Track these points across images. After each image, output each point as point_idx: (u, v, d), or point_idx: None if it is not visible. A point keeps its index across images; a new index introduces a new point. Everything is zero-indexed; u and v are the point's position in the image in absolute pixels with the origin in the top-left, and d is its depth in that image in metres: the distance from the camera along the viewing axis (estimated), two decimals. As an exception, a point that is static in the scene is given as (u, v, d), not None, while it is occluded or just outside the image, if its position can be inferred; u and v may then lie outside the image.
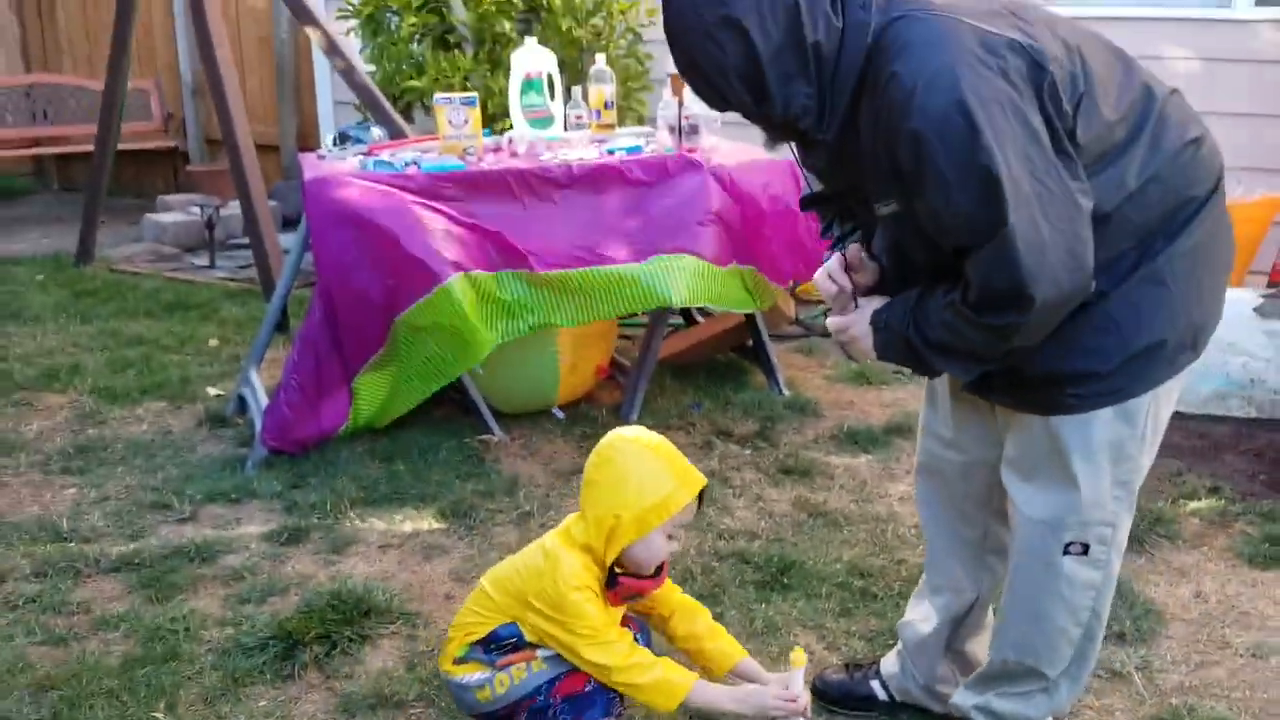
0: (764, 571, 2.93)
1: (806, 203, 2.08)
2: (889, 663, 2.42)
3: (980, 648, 2.31)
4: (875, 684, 2.42)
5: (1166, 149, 1.80)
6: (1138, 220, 1.79)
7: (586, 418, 3.97)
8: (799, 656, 2.13)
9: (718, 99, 1.74)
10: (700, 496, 2.14)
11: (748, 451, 3.71)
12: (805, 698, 2.13)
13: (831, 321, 2.01)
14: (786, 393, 4.16)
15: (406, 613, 2.78)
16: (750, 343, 4.31)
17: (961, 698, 2.23)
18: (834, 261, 1.99)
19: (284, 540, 3.13)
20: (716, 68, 1.67)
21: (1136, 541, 3.07)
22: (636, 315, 4.57)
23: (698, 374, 4.34)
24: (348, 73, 5.01)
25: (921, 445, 2.25)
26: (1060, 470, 1.92)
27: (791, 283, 4.18)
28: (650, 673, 2.08)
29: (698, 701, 2.11)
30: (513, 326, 3.60)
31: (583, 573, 2.08)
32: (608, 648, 2.06)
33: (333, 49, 5.06)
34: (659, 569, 2.18)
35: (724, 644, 2.25)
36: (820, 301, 5.08)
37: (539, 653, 2.14)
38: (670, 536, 2.12)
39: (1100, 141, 1.74)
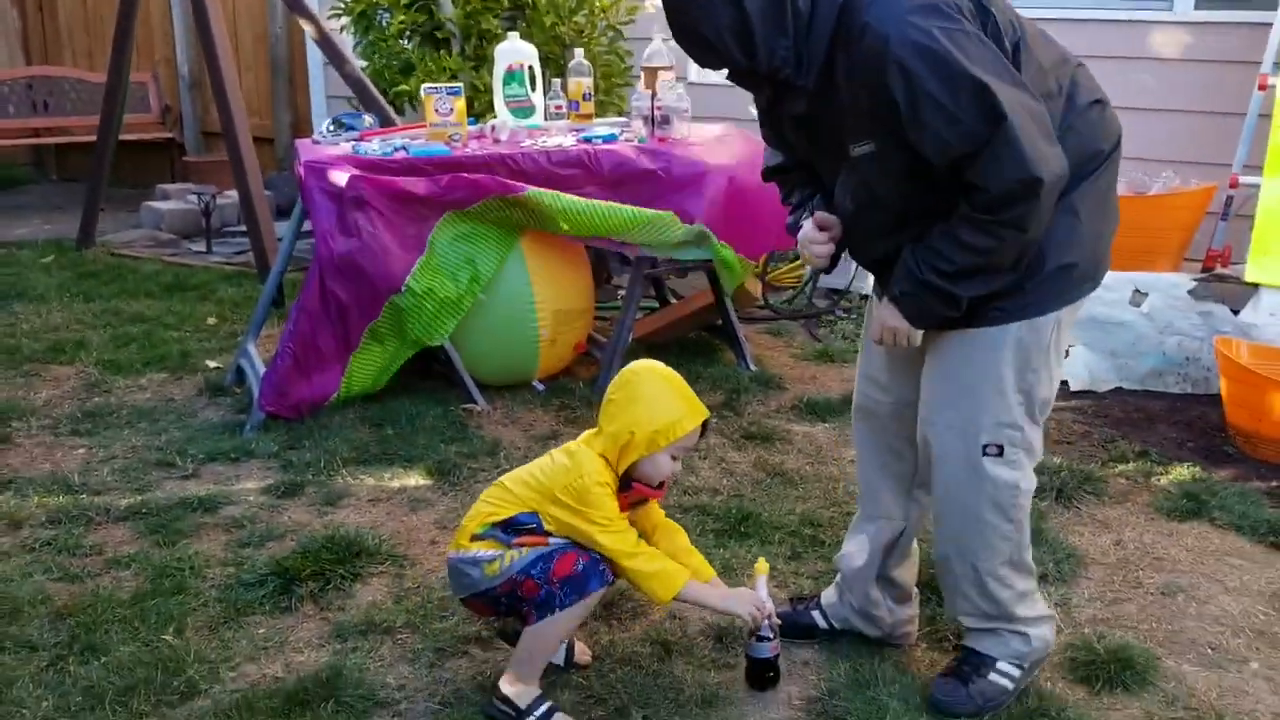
0: (724, 522, 3.19)
1: (769, 173, 2.41)
2: (829, 594, 2.69)
3: (907, 574, 2.58)
4: (816, 614, 2.68)
5: (1079, 105, 2.13)
6: None
7: (565, 390, 4.22)
8: (762, 565, 2.43)
9: (714, 58, 2.03)
10: (704, 427, 2.39)
11: (714, 420, 3.96)
12: (769, 602, 2.40)
13: (876, 339, 2.29)
14: (753, 368, 4.43)
15: (395, 555, 3.02)
16: (720, 322, 4.57)
17: (951, 612, 2.47)
18: (809, 226, 2.28)
19: (280, 494, 3.38)
20: (714, 30, 1.97)
21: (1065, 497, 3.34)
22: (615, 298, 4.85)
23: (670, 351, 4.60)
24: (340, 64, 5.25)
25: (858, 388, 2.53)
26: (973, 380, 2.20)
27: (761, 264, 4.43)
28: (655, 562, 2.33)
29: (689, 596, 2.36)
30: (507, 241, 3.93)
31: (605, 470, 2.32)
32: (621, 535, 2.30)
33: (324, 40, 5.30)
34: (661, 484, 2.42)
35: (697, 561, 2.51)
36: (788, 286, 5.35)
37: (552, 540, 2.34)
38: (674, 458, 2.37)
39: (1034, 85, 2.04)
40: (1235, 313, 4.15)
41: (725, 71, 2.09)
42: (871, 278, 2.40)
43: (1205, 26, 4.76)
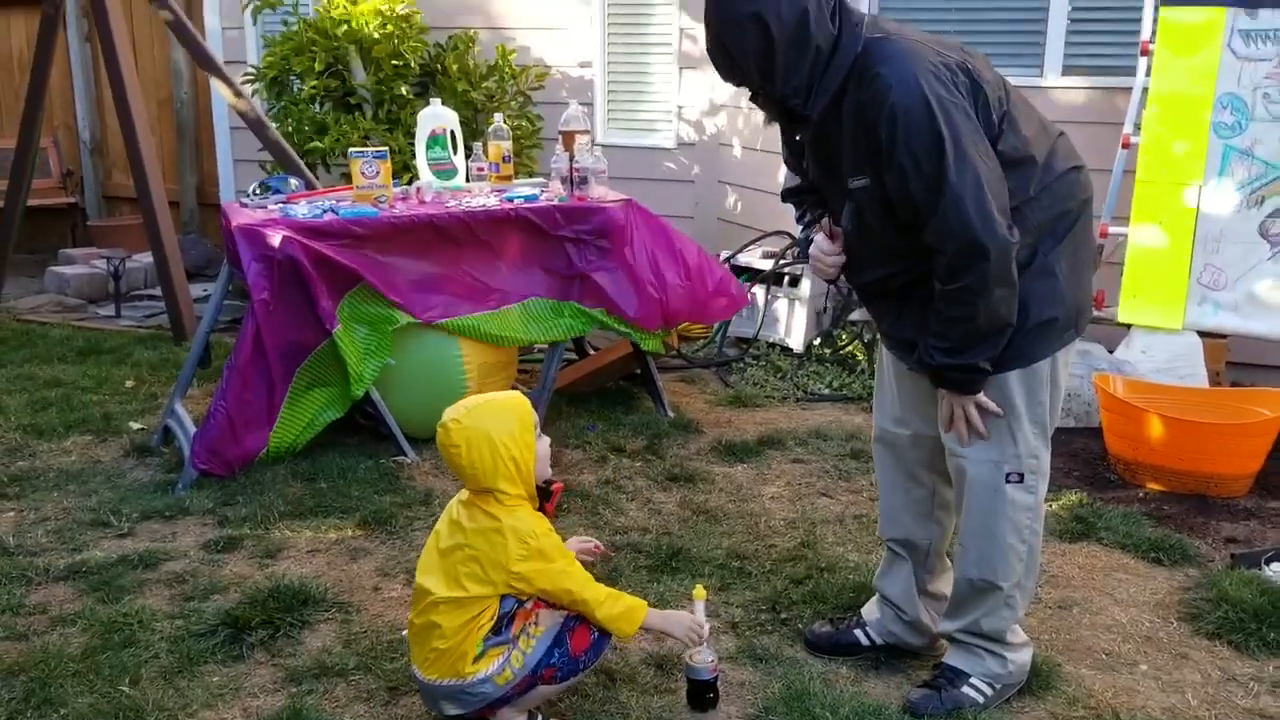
0: (655, 558, 3.37)
1: (787, 194, 2.69)
2: (870, 610, 2.89)
3: (944, 585, 2.79)
4: (859, 632, 2.88)
5: (1056, 170, 2.40)
6: (1033, 219, 2.35)
7: (491, 440, 4.36)
8: (700, 591, 2.60)
9: (735, 75, 2.28)
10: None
11: (638, 464, 4.15)
12: (707, 625, 2.57)
13: (962, 435, 2.48)
14: (671, 414, 4.64)
15: (340, 602, 3.12)
16: (638, 371, 4.78)
17: (945, 626, 2.70)
18: (820, 239, 2.53)
19: (220, 548, 3.44)
20: (740, 50, 2.22)
21: (969, 523, 3.61)
22: (533, 350, 5.03)
23: (591, 400, 4.78)
24: (260, 129, 5.35)
25: (876, 421, 2.78)
26: (995, 419, 2.45)
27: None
28: (621, 601, 2.47)
29: (645, 624, 2.50)
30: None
31: (538, 521, 2.42)
32: (588, 583, 2.42)
33: (239, 96, 5.39)
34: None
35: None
36: (699, 337, 5.59)
37: (541, 612, 2.44)
38: (539, 435, 2.48)
39: (1015, 152, 2.32)
40: (1110, 351, 4.52)
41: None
42: (799, 329, 2.64)
43: (1072, 91, 5.20)
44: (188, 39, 5.32)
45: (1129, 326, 4.47)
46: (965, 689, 2.61)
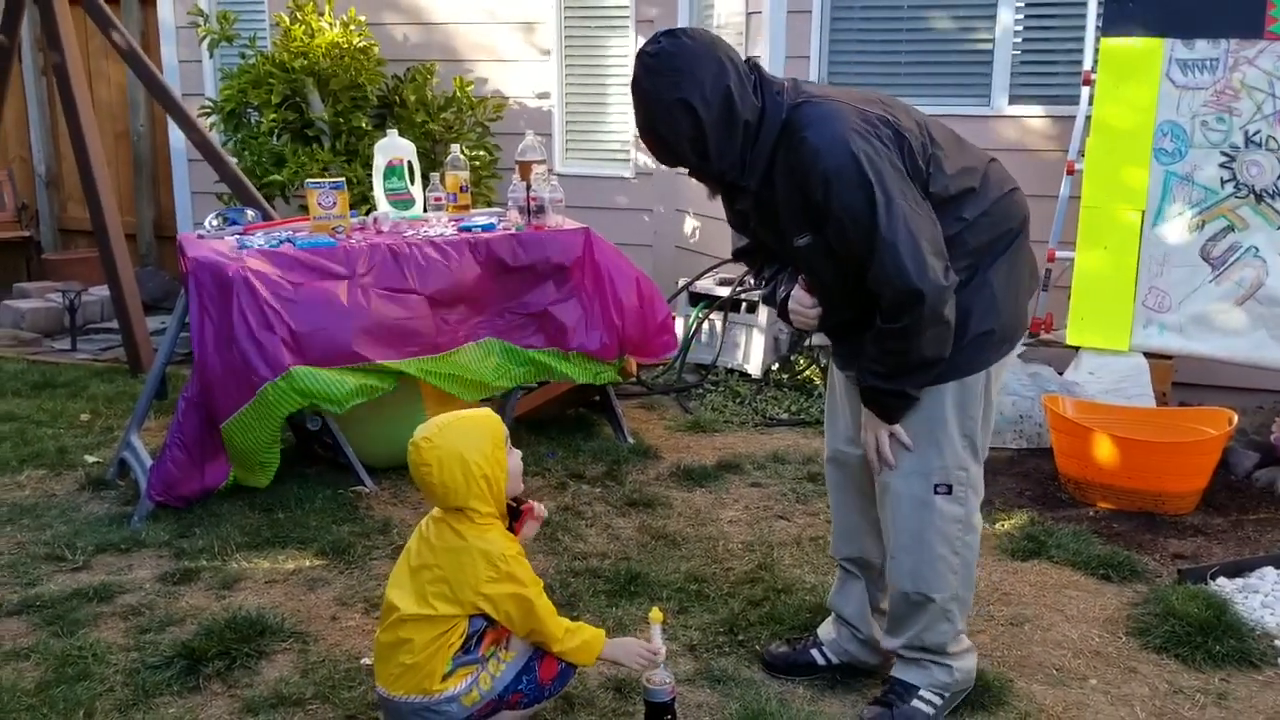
0: (614, 583, 3.38)
1: (738, 254, 2.78)
2: (825, 630, 2.93)
3: None
4: (815, 652, 2.91)
5: (991, 196, 2.50)
6: (972, 243, 2.45)
7: (450, 469, 4.36)
8: (656, 614, 2.62)
9: (671, 157, 2.39)
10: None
11: (598, 490, 4.17)
12: (663, 648, 2.59)
13: (874, 462, 2.57)
14: (631, 440, 4.67)
15: (297, 632, 3.11)
16: (598, 398, 4.81)
17: (887, 643, 2.74)
18: (800, 293, 2.58)
19: (176, 580, 3.42)
20: (673, 135, 2.33)
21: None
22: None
23: (551, 427, 4.80)
24: (218, 163, 5.36)
25: (828, 442, 2.84)
26: (923, 430, 2.52)
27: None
28: (579, 634, 2.49)
29: (602, 655, 2.54)
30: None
31: (509, 542, 2.45)
32: (550, 615, 2.44)
33: (203, 142, 5.39)
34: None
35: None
36: (658, 363, 5.63)
37: (508, 638, 2.46)
38: (510, 451, 2.50)
39: (946, 190, 2.42)
40: (1060, 373, 4.61)
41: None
42: (757, 355, 2.70)
43: (1018, 120, 5.32)
44: (139, 66, 5.32)
45: (1077, 348, 4.56)
46: (915, 702, 2.65)
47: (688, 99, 2.27)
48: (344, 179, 4.38)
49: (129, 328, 5.63)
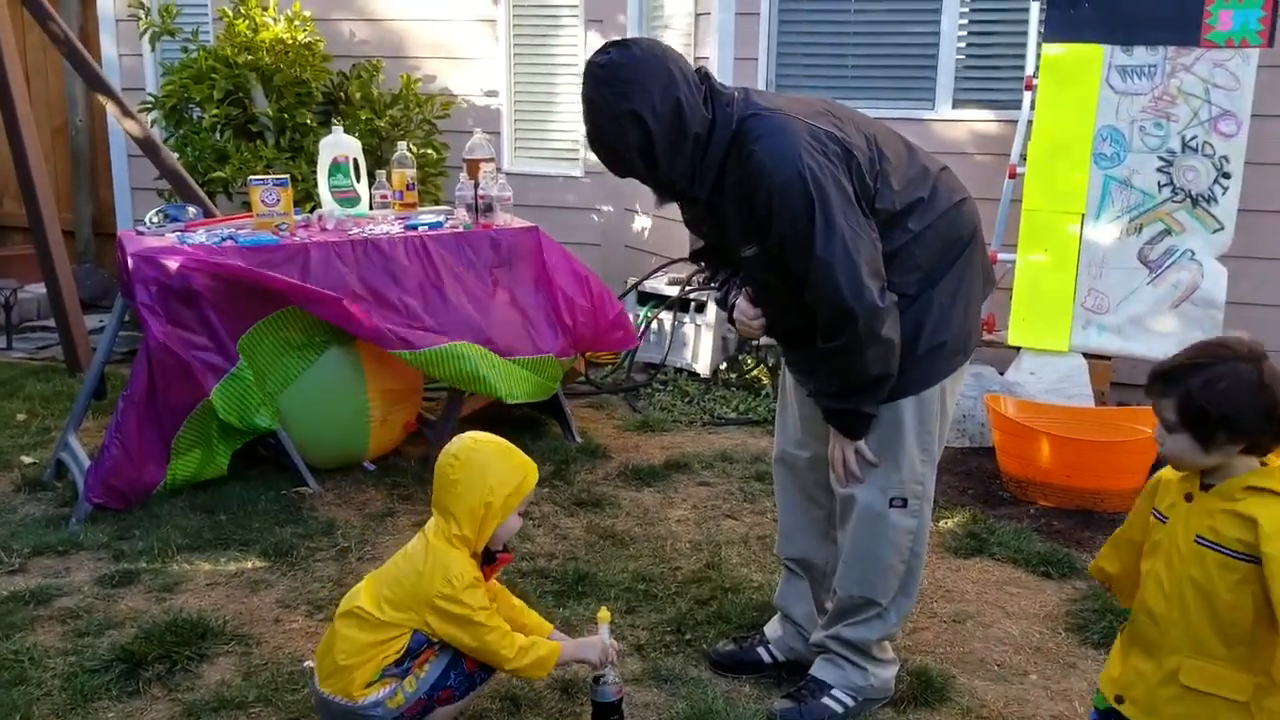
0: (561, 583, 3.38)
1: (695, 255, 2.79)
2: (772, 628, 2.95)
3: None
4: (761, 650, 2.93)
5: (939, 207, 2.50)
6: (920, 256, 2.47)
7: (396, 469, 4.34)
8: (604, 614, 2.64)
9: (622, 167, 2.39)
10: None
11: (545, 490, 4.16)
12: (613, 648, 2.61)
13: (840, 477, 2.59)
14: (579, 440, 4.66)
15: (239, 635, 3.07)
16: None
17: (817, 635, 2.77)
18: (744, 303, 2.59)
19: (115, 583, 3.36)
20: (623, 145, 2.32)
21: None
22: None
23: (499, 427, 4.71)
24: (156, 156, 5.26)
25: (777, 443, 2.86)
26: (882, 447, 2.54)
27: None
28: (532, 653, 2.48)
29: (560, 660, 2.54)
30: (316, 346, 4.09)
31: (469, 567, 2.43)
32: (502, 639, 2.43)
33: (144, 136, 5.30)
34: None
35: (534, 619, 2.69)
36: (607, 362, 5.63)
37: (437, 647, 2.46)
38: (519, 514, 2.54)
39: (892, 205, 2.43)
40: (1001, 373, 4.68)
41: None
42: (706, 354, 2.70)
43: (962, 124, 5.39)
44: (76, 58, 5.21)
45: (1019, 349, 4.64)
46: (826, 699, 2.69)
47: (637, 110, 2.27)
48: (287, 177, 4.32)
49: (66, 326, 5.52)
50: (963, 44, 5.40)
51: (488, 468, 2.45)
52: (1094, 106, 4.50)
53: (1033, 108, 4.73)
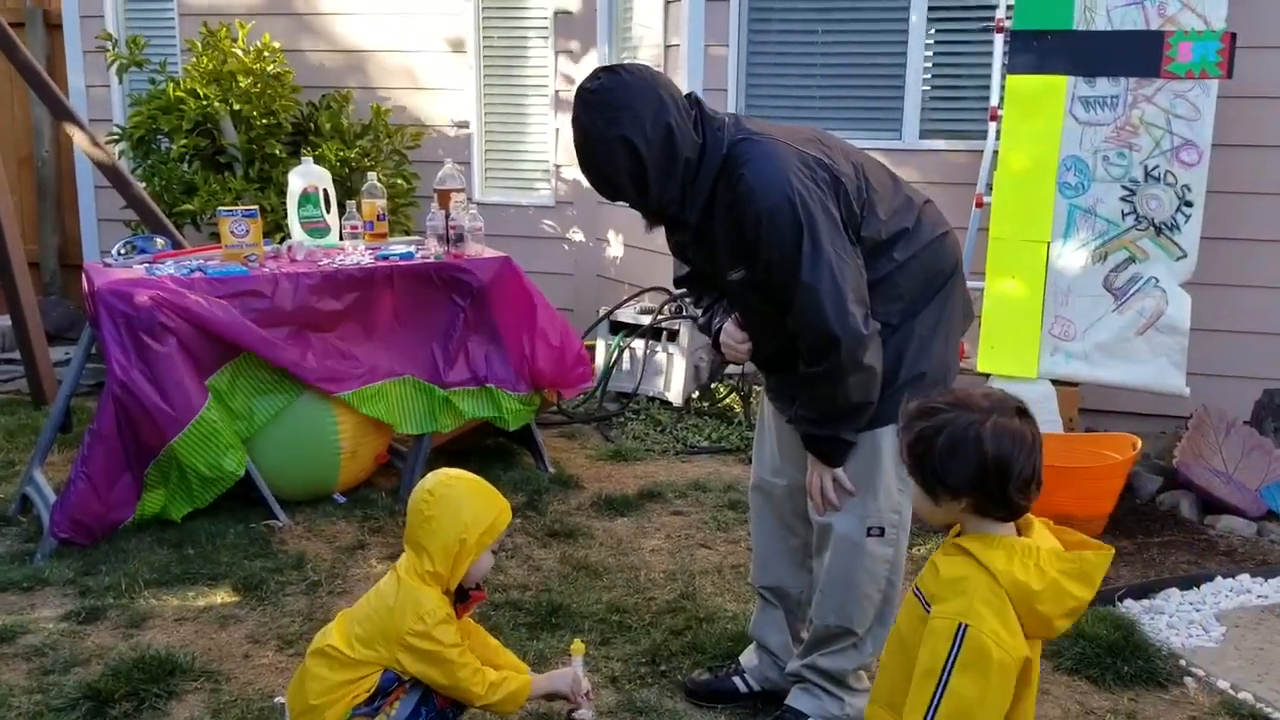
0: (535, 615, 3.36)
1: (679, 281, 2.78)
2: (747, 658, 2.94)
3: None
4: (737, 679, 2.92)
5: (923, 239, 2.52)
6: (903, 286, 2.49)
7: (367, 501, 4.30)
8: (578, 646, 2.63)
9: (612, 192, 2.39)
10: None
11: (518, 520, 4.14)
12: (586, 680, 2.60)
13: (817, 504, 2.59)
14: (552, 470, 4.65)
15: (209, 671, 3.03)
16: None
17: (792, 665, 2.76)
18: (731, 327, 2.61)
19: (82, 619, 3.31)
20: (613, 170, 2.33)
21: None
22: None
23: (470, 457, 4.74)
24: (124, 188, 5.22)
25: (754, 470, 2.86)
26: (861, 476, 2.55)
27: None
28: (503, 689, 2.46)
29: (531, 695, 2.54)
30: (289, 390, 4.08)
31: (441, 604, 2.41)
32: (474, 675, 2.41)
33: (111, 166, 5.26)
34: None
35: (508, 658, 2.67)
36: (580, 391, 5.62)
37: (408, 685, 2.43)
38: (493, 551, 2.53)
39: (879, 234, 2.45)
40: (972, 400, 4.70)
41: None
42: (678, 383, 2.70)
43: (928, 154, 5.45)
44: (42, 88, 5.17)
45: (987, 376, 4.67)
46: None
47: (628, 136, 2.28)
48: (256, 208, 4.30)
49: (32, 358, 5.45)
50: (929, 75, 5.47)
51: (463, 504, 2.44)
52: (1058, 136, 4.56)
53: (998, 138, 4.79)
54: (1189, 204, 4.40)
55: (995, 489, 1.77)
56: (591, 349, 5.91)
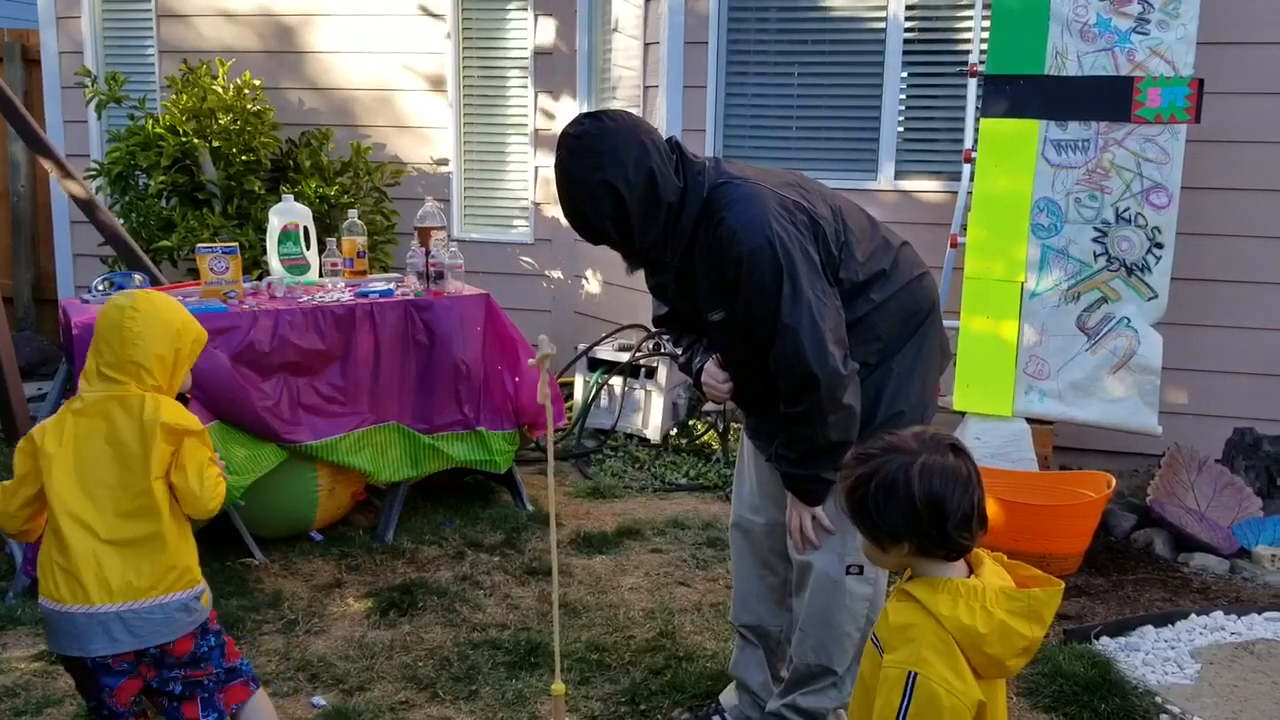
0: (514, 654, 3.35)
1: (658, 321, 2.81)
2: (727, 697, 2.94)
3: None
4: (717, 719, 2.91)
5: (901, 280, 2.58)
6: (881, 326, 2.54)
7: (344, 538, 4.28)
8: (559, 688, 2.62)
9: (595, 236, 2.43)
10: None
11: (496, 558, 4.13)
12: None
13: (797, 543, 2.61)
14: (530, 507, 4.64)
15: (184, 712, 2.99)
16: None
17: (772, 704, 2.76)
18: (712, 366, 2.64)
19: (54, 659, 3.26)
20: (596, 214, 2.37)
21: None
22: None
23: (448, 494, 4.75)
24: (99, 220, 5.20)
25: (734, 509, 2.88)
26: (840, 513, 2.50)
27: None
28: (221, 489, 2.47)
29: None
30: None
31: (179, 408, 2.41)
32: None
33: (89, 202, 5.24)
34: None
35: None
36: (557, 429, 5.62)
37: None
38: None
39: (856, 276, 2.50)
40: (948, 438, 4.74)
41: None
42: (656, 420, 2.72)
43: (904, 194, 5.53)
44: (18, 120, 5.15)
45: (963, 414, 4.71)
46: None
47: (611, 180, 2.32)
48: (236, 245, 4.31)
49: (5, 393, 5.38)
50: (904, 117, 5.55)
51: (169, 314, 2.43)
52: (1030, 179, 4.63)
53: (972, 179, 4.86)
54: (1160, 245, 4.47)
55: (933, 529, 1.75)
56: (570, 385, 5.93)
